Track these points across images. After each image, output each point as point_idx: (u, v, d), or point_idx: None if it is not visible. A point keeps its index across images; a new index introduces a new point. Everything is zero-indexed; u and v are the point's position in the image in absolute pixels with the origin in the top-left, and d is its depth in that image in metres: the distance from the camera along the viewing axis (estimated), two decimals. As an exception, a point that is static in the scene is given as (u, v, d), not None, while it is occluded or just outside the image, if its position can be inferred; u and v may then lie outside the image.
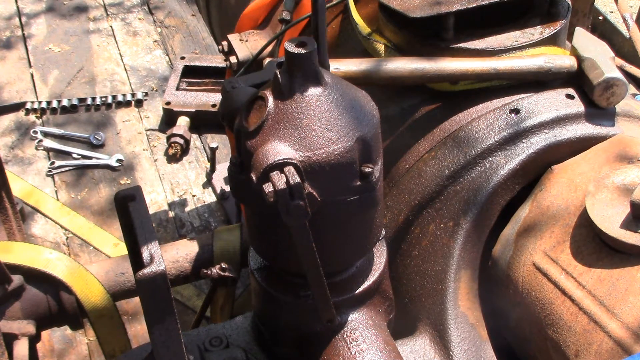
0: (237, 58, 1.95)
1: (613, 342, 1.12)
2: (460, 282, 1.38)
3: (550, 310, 1.23)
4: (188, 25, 4.16)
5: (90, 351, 2.52)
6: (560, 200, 1.31)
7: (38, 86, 3.78)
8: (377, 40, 1.54)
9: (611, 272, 1.17)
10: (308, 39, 1.00)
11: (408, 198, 1.45)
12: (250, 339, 1.28)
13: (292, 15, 1.90)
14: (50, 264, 1.71)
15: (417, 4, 1.46)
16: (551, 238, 1.28)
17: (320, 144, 0.99)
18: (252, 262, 1.22)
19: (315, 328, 1.17)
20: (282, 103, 1.01)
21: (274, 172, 0.96)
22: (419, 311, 1.40)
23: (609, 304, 1.15)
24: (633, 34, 1.85)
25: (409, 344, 1.37)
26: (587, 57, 1.42)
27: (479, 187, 1.37)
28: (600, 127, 1.40)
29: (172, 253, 1.88)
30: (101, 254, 2.85)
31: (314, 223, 1.00)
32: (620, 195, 1.20)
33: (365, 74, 1.44)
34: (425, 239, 1.42)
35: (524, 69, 1.42)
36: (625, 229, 1.16)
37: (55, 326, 1.80)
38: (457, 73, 1.42)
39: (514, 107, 1.41)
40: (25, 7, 4.35)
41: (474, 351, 1.34)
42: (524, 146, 1.38)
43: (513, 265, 1.32)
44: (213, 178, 3.08)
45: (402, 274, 1.45)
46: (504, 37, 1.48)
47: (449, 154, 1.42)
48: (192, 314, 2.51)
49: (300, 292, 1.14)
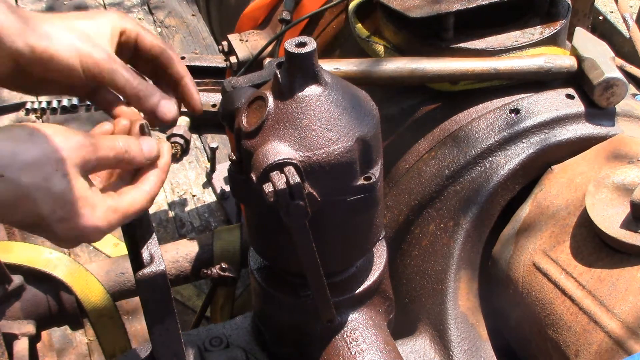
0: (237, 58, 1.95)
1: (613, 342, 1.12)
2: (460, 282, 1.38)
3: (550, 310, 1.23)
4: (188, 25, 4.16)
5: (90, 351, 2.52)
6: (560, 200, 1.31)
7: (38, 86, 3.77)
8: (376, 42, 1.54)
9: (611, 272, 1.17)
10: (308, 39, 1.00)
11: (408, 198, 1.45)
12: (250, 339, 1.28)
13: (292, 15, 1.90)
14: (50, 264, 1.71)
15: (417, 3, 1.46)
16: (551, 238, 1.28)
17: (320, 144, 0.99)
18: (252, 262, 1.22)
19: (315, 328, 1.17)
20: (282, 103, 1.01)
21: (274, 172, 0.96)
22: (419, 311, 1.40)
23: (609, 303, 1.15)
24: (633, 34, 1.85)
25: (409, 344, 1.37)
26: (587, 57, 1.42)
27: (479, 187, 1.37)
28: (600, 127, 1.40)
29: (172, 253, 1.88)
30: (101, 253, 2.85)
31: (314, 223, 1.00)
32: (620, 195, 1.20)
33: (365, 74, 1.44)
34: (425, 239, 1.42)
35: (524, 69, 1.42)
36: (625, 229, 1.16)
37: (55, 326, 1.80)
38: (457, 73, 1.42)
39: (514, 107, 1.41)
40: (25, 6, 4.35)
41: (474, 351, 1.34)
42: (524, 146, 1.38)
43: (513, 265, 1.32)
44: (213, 178, 3.07)
45: (402, 274, 1.45)
46: (504, 37, 1.48)
47: (449, 154, 1.42)
48: (192, 314, 2.50)
49: (300, 292, 1.14)
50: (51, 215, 0.87)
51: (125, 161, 0.95)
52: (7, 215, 0.87)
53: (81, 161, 0.89)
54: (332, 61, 1.46)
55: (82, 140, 0.90)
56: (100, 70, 0.98)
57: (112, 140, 0.94)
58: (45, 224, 0.88)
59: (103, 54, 0.98)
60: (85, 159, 0.89)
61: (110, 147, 0.93)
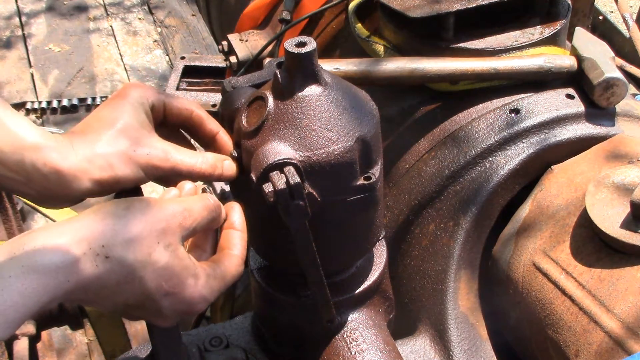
0: (237, 58, 1.95)
1: (613, 342, 1.12)
2: (460, 282, 1.38)
3: (550, 310, 1.23)
4: (188, 25, 4.16)
5: (90, 351, 2.52)
6: (560, 200, 1.31)
7: (38, 86, 3.78)
8: (376, 42, 1.54)
9: (611, 272, 1.17)
10: (308, 39, 1.00)
11: (408, 198, 1.45)
12: (250, 339, 1.28)
13: (292, 15, 1.90)
14: (50, 264, 1.70)
15: (417, 3, 1.46)
16: (551, 238, 1.28)
17: (320, 144, 0.99)
18: (252, 262, 1.22)
19: (315, 328, 1.17)
20: (282, 103, 1.01)
21: (274, 172, 0.96)
22: (419, 311, 1.40)
23: (609, 303, 1.15)
24: (633, 34, 1.85)
25: (409, 344, 1.37)
26: (587, 57, 1.42)
27: (479, 187, 1.37)
28: (600, 127, 1.40)
29: (172, 253, 1.87)
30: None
31: (314, 223, 1.00)
32: (620, 195, 1.20)
33: (365, 74, 1.44)
34: (425, 239, 1.42)
35: (524, 69, 1.42)
36: (625, 229, 1.16)
37: (55, 326, 1.80)
38: (457, 73, 1.42)
39: (514, 107, 1.41)
40: (25, 7, 4.36)
41: (474, 351, 1.34)
42: (524, 146, 1.38)
43: (513, 265, 1.32)
44: (213, 178, 3.07)
45: (402, 274, 1.45)
46: (504, 37, 1.48)
47: (449, 154, 1.42)
48: (192, 314, 2.50)
49: (300, 292, 1.14)
50: (158, 291, 0.84)
51: (216, 220, 0.94)
52: (110, 298, 0.83)
53: (180, 229, 0.87)
54: (332, 61, 1.46)
55: (177, 207, 0.88)
56: (162, 173, 0.96)
57: (203, 200, 0.93)
58: (150, 301, 0.84)
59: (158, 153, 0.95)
60: (183, 226, 0.87)
61: (203, 207, 0.91)
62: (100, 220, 0.82)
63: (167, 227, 0.85)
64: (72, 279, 0.78)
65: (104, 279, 0.80)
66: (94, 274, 0.79)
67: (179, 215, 0.88)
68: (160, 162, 0.95)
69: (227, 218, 1.00)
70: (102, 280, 0.80)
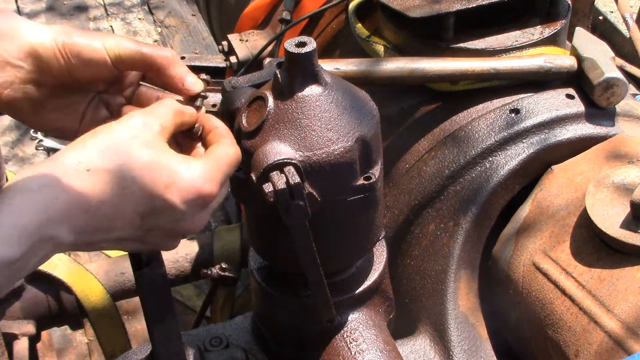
0: (237, 58, 1.95)
1: (613, 342, 1.12)
2: (460, 282, 1.38)
3: (550, 310, 1.23)
4: (188, 25, 4.16)
5: (90, 351, 2.52)
6: (560, 200, 1.31)
7: (38, 86, 3.77)
8: (376, 42, 1.54)
9: (611, 272, 1.17)
10: (308, 39, 1.00)
11: (408, 198, 1.45)
12: (250, 339, 1.28)
13: (292, 15, 1.90)
14: (50, 264, 1.71)
15: (417, 3, 1.46)
16: (551, 238, 1.28)
17: (320, 144, 0.99)
18: (252, 262, 1.22)
19: (315, 328, 1.17)
20: (282, 103, 1.01)
21: (274, 172, 0.96)
22: (419, 311, 1.40)
23: (609, 303, 1.15)
24: (633, 34, 1.85)
25: (409, 344, 1.37)
26: (587, 57, 1.42)
27: (479, 187, 1.37)
28: (600, 127, 1.40)
29: (172, 253, 1.88)
30: (101, 253, 2.85)
31: (314, 223, 1.00)
32: (620, 195, 1.20)
33: (365, 74, 1.44)
34: (425, 239, 1.42)
35: (524, 69, 1.42)
36: (625, 229, 1.16)
37: (55, 326, 1.80)
38: (457, 73, 1.42)
39: (514, 107, 1.41)
40: (25, 6, 4.35)
41: (474, 351, 1.34)
42: (524, 146, 1.38)
43: (513, 265, 1.32)
44: (213, 178, 3.07)
45: (402, 274, 1.45)
46: (504, 37, 1.48)
47: (449, 154, 1.42)
48: (192, 314, 2.50)
49: (300, 292, 1.14)
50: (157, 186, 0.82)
51: (187, 115, 0.92)
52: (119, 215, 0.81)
53: (151, 129, 0.86)
54: (332, 61, 1.46)
55: (140, 114, 0.87)
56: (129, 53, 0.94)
57: (163, 102, 0.91)
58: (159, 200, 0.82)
59: (129, 41, 0.95)
60: (153, 126, 0.86)
61: (164, 106, 0.90)
62: (72, 147, 0.82)
63: (138, 132, 0.84)
64: (60, 197, 0.77)
65: (96, 191, 0.79)
66: (82, 188, 0.78)
67: (146, 118, 0.86)
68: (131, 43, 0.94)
69: (207, 124, 0.96)
70: (95, 194, 0.79)
